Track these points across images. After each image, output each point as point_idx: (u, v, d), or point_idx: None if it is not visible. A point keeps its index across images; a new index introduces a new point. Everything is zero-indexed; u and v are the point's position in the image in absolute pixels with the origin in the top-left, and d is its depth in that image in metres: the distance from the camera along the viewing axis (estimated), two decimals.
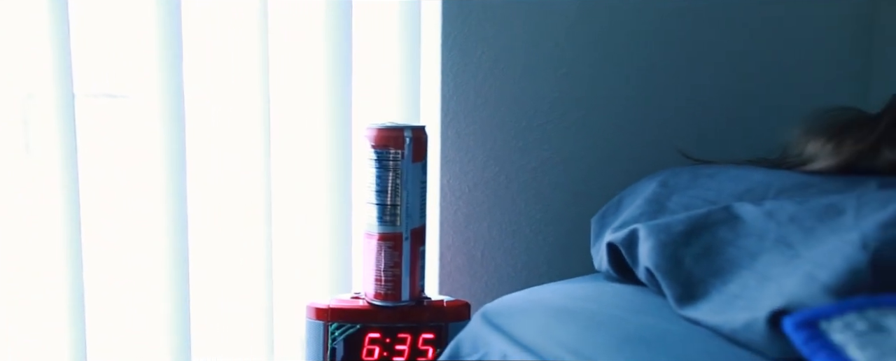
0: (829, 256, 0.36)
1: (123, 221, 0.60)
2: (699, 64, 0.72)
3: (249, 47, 0.60)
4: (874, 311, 0.30)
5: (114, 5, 0.58)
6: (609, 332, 0.42)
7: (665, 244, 0.44)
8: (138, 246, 0.60)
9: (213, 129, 0.62)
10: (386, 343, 0.56)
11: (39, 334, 0.57)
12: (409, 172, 0.54)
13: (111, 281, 0.60)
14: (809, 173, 0.47)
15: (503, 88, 0.67)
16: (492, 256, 0.70)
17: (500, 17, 0.66)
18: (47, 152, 0.56)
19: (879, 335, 0.28)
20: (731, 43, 0.73)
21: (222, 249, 0.62)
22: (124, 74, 0.59)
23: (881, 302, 0.30)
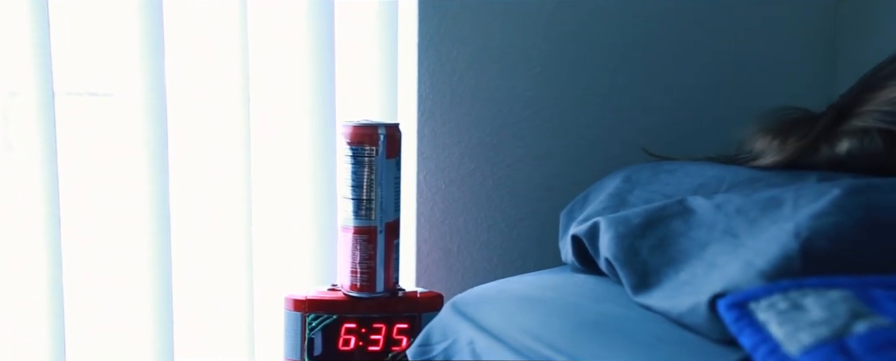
0: (766, 244, 0.39)
1: (106, 217, 0.63)
2: (666, 64, 0.75)
3: (231, 47, 0.63)
4: (796, 292, 0.33)
5: (97, 4, 0.61)
6: (568, 318, 0.45)
7: (623, 236, 0.47)
8: (123, 238, 0.62)
9: (196, 127, 0.64)
10: (361, 333, 0.58)
11: (18, 331, 0.60)
12: (383, 168, 0.56)
13: (93, 276, 0.63)
14: (758, 168, 0.50)
15: (478, 88, 0.70)
16: (467, 250, 0.72)
17: (476, 18, 0.69)
18: (29, 150, 0.58)
19: (797, 313, 0.31)
20: (698, 43, 0.76)
21: (204, 243, 0.65)
22: (107, 72, 0.62)
23: (803, 284, 0.33)
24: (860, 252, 0.37)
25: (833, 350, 0.28)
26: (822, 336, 0.29)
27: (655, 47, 0.75)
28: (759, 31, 0.79)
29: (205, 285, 0.65)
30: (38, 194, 0.58)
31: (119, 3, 0.60)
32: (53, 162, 0.59)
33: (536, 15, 0.71)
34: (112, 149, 0.62)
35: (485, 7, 0.69)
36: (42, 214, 0.59)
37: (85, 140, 0.62)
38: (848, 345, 0.28)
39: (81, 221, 0.62)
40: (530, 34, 0.71)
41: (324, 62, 0.66)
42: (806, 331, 0.30)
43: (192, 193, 0.64)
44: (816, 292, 0.32)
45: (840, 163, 0.47)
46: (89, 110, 0.63)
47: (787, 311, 0.31)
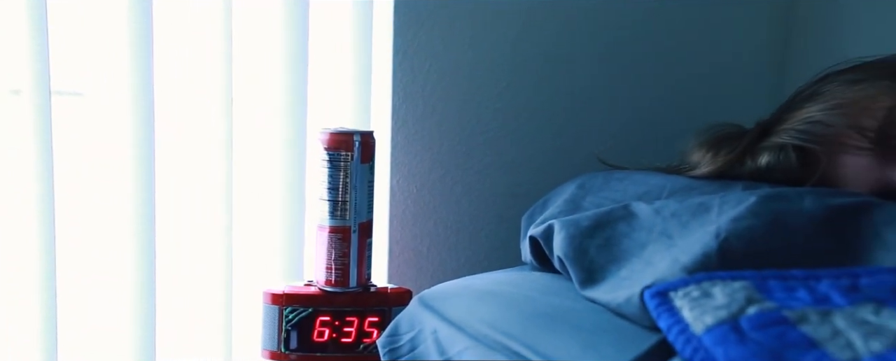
0: (692, 244, 0.46)
1: (91, 214, 0.67)
2: (623, 80, 0.82)
3: (214, 58, 0.68)
4: (708, 283, 0.39)
5: (79, 4, 0.65)
6: (522, 309, 0.50)
7: (574, 236, 0.53)
8: (108, 236, 0.67)
9: (180, 132, 0.69)
10: (335, 325, 0.64)
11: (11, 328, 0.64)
12: (357, 172, 0.62)
13: (80, 271, 0.67)
14: (694, 178, 0.57)
15: (449, 99, 0.76)
16: (437, 251, 0.78)
17: (447, 34, 0.75)
18: (24, 149, 0.62)
19: (706, 299, 0.37)
20: (653, 61, 0.84)
21: (186, 241, 0.69)
22: (84, 72, 0.66)
23: (714, 276, 0.40)
24: (767, 249, 0.44)
25: (728, 329, 0.35)
26: (721, 318, 0.35)
27: (614, 65, 0.82)
28: (710, 51, 0.87)
29: (186, 279, 0.69)
30: (33, 193, 0.63)
31: (106, 5, 0.64)
32: (49, 161, 0.63)
33: (504, 33, 0.77)
34: (95, 148, 0.66)
35: (456, 24, 0.75)
36: (36, 212, 0.63)
37: (65, 139, 0.66)
38: (740, 324, 0.35)
39: (67, 219, 0.66)
40: (498, 51, 0.77)
41: (298, 73, 0.71)
42: (710, 314, 0.36)
43: (174, 192, 0.69)
44: (723, 283, 0.39)
45: (761, 175, 0.54)
46: (68, 109, 0.67)
47: (697, 298, 0.38)
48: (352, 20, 0.74)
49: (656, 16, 0.83)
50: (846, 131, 0.51)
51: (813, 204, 0.45)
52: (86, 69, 0.67)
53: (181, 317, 0.70)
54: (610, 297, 0.47)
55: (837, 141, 0.51)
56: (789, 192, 0.47)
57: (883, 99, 0.50)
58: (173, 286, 0.70)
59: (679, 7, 0.84)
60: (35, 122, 0.62)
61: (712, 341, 0.34)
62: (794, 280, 0.38)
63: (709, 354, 0.34)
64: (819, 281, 0.38)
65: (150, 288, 0.68)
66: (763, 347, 0.33)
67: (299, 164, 0.72)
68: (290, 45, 0.71)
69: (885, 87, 0.51)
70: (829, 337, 0.32)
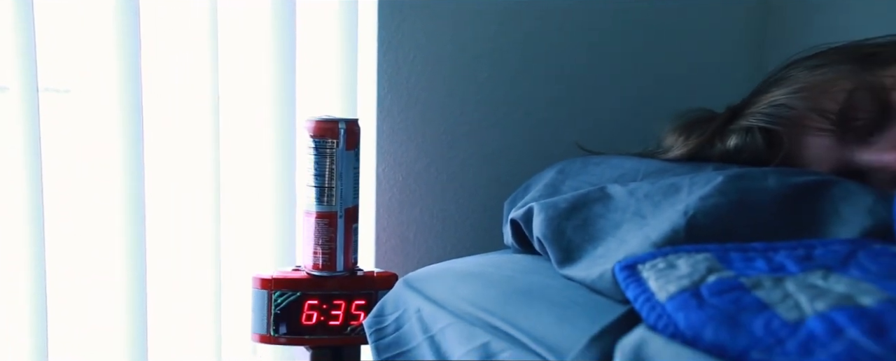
0: (662, 222, 0.48)
1: (84, 207, 0.69)
2: (603, 71, 0.85)
3: (202, 50, 0.70)
4: (673, 256, 0.42)
5: (63, 2, 0.67)
6: (501, 287, 0.53)
7: (552, 218, 0.56)
8: (100, 220, 0.69)
9: (170, 123, 0.71)
10: (323, 308, 0.66)
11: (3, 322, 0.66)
12: (343, 159, 0.64)
13: (73, 262, 0.69)
14: (668, 160, 0.59)
15: (433, 89, 0.79)
16: (423, 238, 0.81)
17: (431, 26, 0.77)
18: (12, 146, 0.64)
19: (670, 270, 0.40)
20: (633, 52, 0.86)
21: (177, 230, 0.72)
22: (71, 69, 0.68)
23: (679, 250, 0.42)
24: (732, 225, 0.46)
25: (689, 296, 0.37)
26: (683, 286, 0.38)
27: (594, 55, 0.85)
28: (688, 44, 0.90)
29: (178, 267, 0.71)
30: (22, 189, 0.65)
31: (93, 3, 0.66)
32: (37, 157, 0.65)
33: (485, 26, 0.80)
34: (85, 140, 0.68)
35: (439, 16, 0.77)
36: (25, 208, 0.65)
37: (54, 133, 0.68)
38: (700, 291, 0.37)
39: (57, 209, 0.68)
40: (480, 42, 0.80)
41: (286, 65, 0.74)
42: (673, 283, 0.39)
43: (166, 184, 0.71)
44: (688, 255, 0.41)
45: (730, 157, 0.57)
46: (49, 106, 0.68)
47: (663, 270, 0.40)
48: (338, 13, 0.76)
49: (635, 8, 0.86)
50: (808, 114, 0.53)
51: (776, 182, 0.48)
52: (73, 66, 0.68)
53: (173, 304, 0.72)
54: (585, 274, 0.50)
55: (800, 123, 0.54)
56: (754, 172, 0.50)
57: (842, 82, 0.53)
58: (165, 273, 0.72)
59: (657, 1, 0.87)
60: (23, 119, 0.64)
61: (674, 307, 0.37)
62: (753, 251, 0.41)
63: (671, 319, 0.36)
64: (777, 252, 0.41)
65: (141, 277, 0.70)
66: (720, 311, 0.35)
67: (289, 153, 0.74)
68: (278, 37, 0.73)
69: (844, 72, 0.54)
70: (780, 300, 0.35)
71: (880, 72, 0.54)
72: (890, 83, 0.52)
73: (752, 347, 0.33)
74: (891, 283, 0.34)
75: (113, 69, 0.67)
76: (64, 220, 0.69)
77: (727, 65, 0.93)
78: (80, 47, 0.68)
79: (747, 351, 0.33)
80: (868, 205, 0.45)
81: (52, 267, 0.67)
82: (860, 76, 0.53)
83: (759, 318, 0.34)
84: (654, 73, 0.88)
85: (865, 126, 0.52)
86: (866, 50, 0.56)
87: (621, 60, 0.86)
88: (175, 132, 0.71)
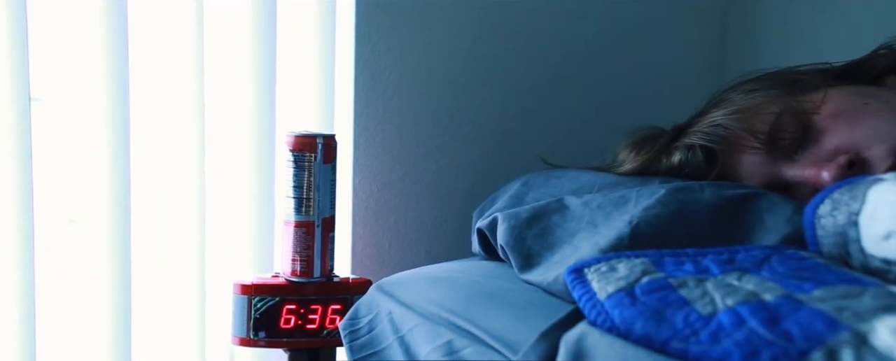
0: (610, 230, 0.55)
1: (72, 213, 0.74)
2: (569, 88, 0.92)
3: (187, 66, 0.76)
4: (615, 260, 0.48)
5: (47, 8, 0.71)
6: (466, 291, 0.59)
7: (514, 227, 0.62)
8: (86, 231, 0.73)
9: (153, 135, 0.76)
10: (300, 312, 0.71)
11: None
12: (320, 172, 0.70)
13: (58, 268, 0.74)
14: (620, 174, 0.66)
15: (408, 104, 0.85)
16: (398, 246, 0.86)
17: (406, 44, 0.84)
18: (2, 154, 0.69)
19: (611, 273, 0.46)
20: (595, 72, 0.93)
21: (162, 238, 0.77)
22: (49, 78, 0.72)
23: (621, 255, 0.49)
24: (670, 233, 0.53)
25: (624, 294, 0.43)
26: (620, 286, 0.44)
27: (560, 73, 0.91)
28: (652, 62, 0.97)
29: (162, 274, 0.76)
30: (13, 195, 0.69)
31: (80, 11, 0.71)
32: (28, 165, 0.69)
33: (458, 44, 0.86)
34: (73, 149, 0.73)
35: (414, 35, 0.84)
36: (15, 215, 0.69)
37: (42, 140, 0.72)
38: (634, 291, 0.43)
39: (44, 217, 0.73)
40: (453, 60, 0.86)
41: (267, 81, 0.79)
42: (612, 284, 0.45)
43: (150, 194, 0.76)
44: (628, 259, 0.48)
45: (674, 171, 0.63)
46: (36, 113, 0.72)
47: (605, 273, 0.47)
48: (316, 32, 0.82)
49: (598, 31, 0.93)
50: (741, 133, 0.60)
51: (711, 195, 0.55)
52: (50, 75, 0.73)
53: (157, 309, 0.77)
54: (542, 278, 0.56)
55: (735, 142, 0.61)
56: (693, 185, 0.57)
57: (772, 106, 0.60)
58: (150, 280, 0.76)
59: (622, 22, 0.94)
60: (13, 127, 0.69)
61: (611, 304, 0.43)
62: (685, 256, 0.47)
63: (608, 315, 0.42)
64: (705, 257, 0.47)
65: (125, 283, 0.74)
66: (648, 307, 0.41)
67: (269, 166, 0.80)
68: (259, 54, 0.79)
69: (773, 96, 0.61)
70: (699, 297, 0.41)
71: (803, 97, 0.61)
72: (811, 107, 0.59)
73: (673, 337, 0.39)
74: (792, 282, 0.41)
75: (101, 80, 0.72)
76: (50, 225, 0.74)
77: (688, 85, 1.00)
78: (67, 56, 0.72)
79: (669, 341, 0.39)
80: (787, 215, 0.51)
81: (40, 270, 0.71)
82: (786, 101, 0.60)
83: (680, 313, 0.40)
84: (616, 93, 0.94)
85: (790, 145, 0.59)
86: (793, 77, 0.63)
87: (585, 80, 0.93)
88: (160, 144, 0.76)
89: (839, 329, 0.34)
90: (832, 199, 0.48)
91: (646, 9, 0.95)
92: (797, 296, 0.38)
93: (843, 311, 0.36)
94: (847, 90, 0.61)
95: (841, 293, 0.37)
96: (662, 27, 0.98)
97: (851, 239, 0.44)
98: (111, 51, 0.72)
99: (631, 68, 0.96)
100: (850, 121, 0.57)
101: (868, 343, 0.33)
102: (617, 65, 0.95)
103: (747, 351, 0.36)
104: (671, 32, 0.98)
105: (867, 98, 0.59)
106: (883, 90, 0.62)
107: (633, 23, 0.95)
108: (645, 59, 0.97)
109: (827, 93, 0.60)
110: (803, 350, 0.34)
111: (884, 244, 0.41)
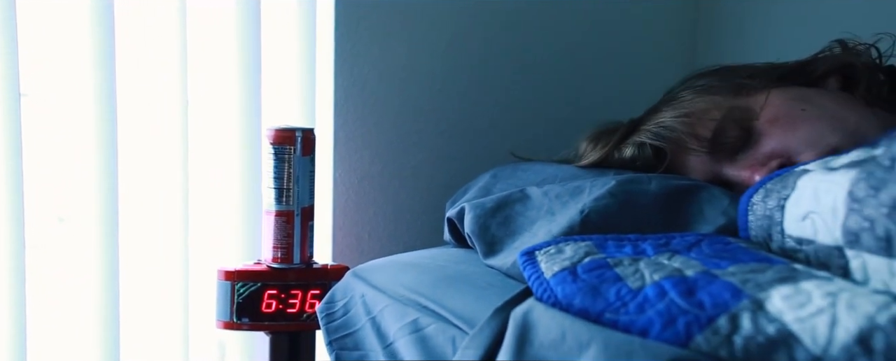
0: (564, 218, 0.60)
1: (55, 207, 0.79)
2: (541, 85, 0.98)
3: (172, 62, 0.81)
4: (563, 244, 0.53)
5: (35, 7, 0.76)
6: (434, 274, 0.64)
7: (479, 216, 0.68)
8: (78, 222, 0.79)
9: (140, 132, 0.81)
10: (281, 298, 0.77)
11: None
12: (299, 164, 0.76)
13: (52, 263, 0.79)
14: (579, 167, 0.72)
15: (387, 100, 0.90)
16: (377, 237, 0.92)
17: (385, 41, 0.89)
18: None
19: (558, 254, 0.52)
20: (565, 71, 0.99)
21: (150, 230, 0.82)
22: (32, 74, 0.77)
23: (569, 239, 0.54)
24: (618, 222, 0.58)
25: (567, 273, 0.49)
26: (564, 266, 0.50)
27: (533, 72, 0.97)
28: (620, 64, 1.02)
29: (148, 260, 0.82)
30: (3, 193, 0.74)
31: (67, 9, 0.75)
32: (18, 163, 0.75)
33: (436, 42, 0.92)
34: (63, 146, 0.78)
35: (393, 32, 0.89)
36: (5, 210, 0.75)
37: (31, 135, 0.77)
38: (576, 270, 0.49)
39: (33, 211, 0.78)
40: (431, 56, 0.92)
41: (251, 76, 0.85)
42: (557, 264, 0.50)
43: (138, 184, 0.81)
44: (575, 243, 0.53)
45: (628, 165, 0.69)
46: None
47: (553, 254, 0.52)
48: (297, 31, 0.87)
49: (572, 28, 0.99)
50: (686, 138, 0.66)
51: (657, 186, 0.60)
52: (42, 72, 0.78)
53: (145, 295, 0.82)
54: (502, 263, 0.62)
55: (680, 144, 0.67)
56: (642, 177, 0.62)
57: (715, 112, 0.66)
58: (138, 268, 0.82)
59: (594, 23, 1.00)
60: (3, 123, 0.74)
61: (555, 282, 0.48)
62: (626, 240, 0.53)
63: (552, 292, 0.48)
64: (644, 241, 0.52)
65: (114, 271, 0.80)
66: (587, 283, 0.47)
67: (255, 158, 0.85)
68: (244, 52, 0.84)
69: (717, 102, 0.67)
70: (631, 274, 0.46)
71: (748, 98, 0.67)
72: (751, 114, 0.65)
73: (606, 309, 0.45)
74: (713, 261, 0.46)
75: (88, 77, 0.77)
76: (40, 218, 0.79)
77: (659, 83, 1.06)
78: (55, 53, 0.77)
79: (603, 312, 0.45)
80: (724, 207, 0.57)
81: (30, 260, 0.77)
82: (730, 104, 0.66)
83: (613, 288, 0.46)
84: (584, 91, 1.00)
85: (731, 148, 0.65)
86: (740, 79, 0.68)
87: (556, 78, 0.99)
88: (147, 138, 0.82)
89: (742, 297, 0.40)
90: (765, 188, 0.53)
91: (619, 9, 1.01)
92: (713, 272, 0.44)
93: (747, 282, 0.41)
94: (789, 93, 0.66)
95: (750, 269, 0.43)
96: (634, 25, 1.03)
97: (775, 222, 0.49)
98: (98, 49, 0.78)
99: (598, 69, 1.01)
100: (785, 128, 0.63)
101: (764, 308, 0.39)
102: (584, 65, 1.00)
103: (666, 319, 0.41)
104: (638, 36, 1.04)
105: (805, 104, 0.65)
106: (823, 94, 0.68)
107: (606, 23, 1.01)
108: (617, 56, 1.02)
109: (769, 96, 0.65)
110: (712, 316, 0.40)
111: (801, 224, 0.47)
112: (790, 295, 0.39)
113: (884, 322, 0.35)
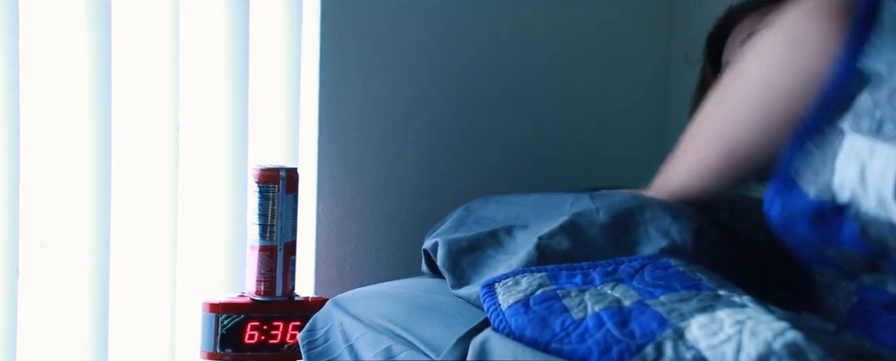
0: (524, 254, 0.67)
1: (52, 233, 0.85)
2: (518, 124, 1.06)
3: (163, 103, 0.88)
4: (520, 276, 0.60)
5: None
6: (408, 303, 0.71)
7: (453, 252, 0.74)
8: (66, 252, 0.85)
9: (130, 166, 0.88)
10: (264, 329, 0.83)
11: None
12: (283, 201, 0.82)
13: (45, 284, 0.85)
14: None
15: (369, 138, 0.97)
16: (358, 270, 0.98)
17: (367, 84, 0.97)
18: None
19: (515, 286, 0.58)
20: (541, 108, 1.07)
21: (137, 260, 0.88)
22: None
23: (526, 271, 0.61)
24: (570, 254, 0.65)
25: (521, 305, 0.55)
26: (519, 298, 0.56)
27: (509, 109, 1.05)
28: (598, 93, 1.10)
29: (136, 291, 0.88)
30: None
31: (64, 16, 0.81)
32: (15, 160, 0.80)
33: (416, 83, 0.99)
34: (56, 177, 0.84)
35: (375, 75, 0.97)
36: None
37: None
38: (529, 302, 0.56)
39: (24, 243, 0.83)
40: (413, 96, 0.99)
41: (239, 115, 0.92)
42: (513, 296, 0.57)
43: (128, 219, 0.88)
44: (531, 274, 0.60)
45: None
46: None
47: (510, 286, 0.59)
48: (283, 71, 0.95)
49: (550, 64, 1.06)
50: None
51: (603, 215, 0.67)
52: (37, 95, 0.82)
53: (132, 326, 0.88)
54: (468, 293, 0.68)
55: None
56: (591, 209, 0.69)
57: None
58: (126, 299, 0.88)
59: (571, 54, 1.08)
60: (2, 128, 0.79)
61: (510, 313, 0.55)
62: (578, 270, 0.60)
63: (507, 322, 0.55)
64: (594, 269, 0.59)
65: (104, 301, 0.86)
66: (537, 315, 0.53)
67: (241, 196, 0.92)
68: (232, 93, 0.91)
69: None
70: (576, 305, 0.53)
71: None
72: None
73: (552, 339, 0.51)
74: (648, 290, 0.53)
75: (81, 105, 0.83)
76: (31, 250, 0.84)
77: (632, 119, 1.14)
78: (47, 79, 0.82)
79: (549, 342, 0.51)
80: (665, 228, 0.64)
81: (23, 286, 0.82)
82: None
83: (559, 319, 0.52)
84: (557, 123, 1.08)
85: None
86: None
87: (534, 114, 1.06)
88: (137, 175, 0.88)
89: (666, 326, 0.47)
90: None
91: (592, 37, 1.09)
92: (647, 301, 0.50)
93: (672, 312, 0.48)
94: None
95: (678, 298, 0.50)
96: (607, 61, 1.11)
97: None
98: (91, 81, 0.84)
99: (577, 100, 1.09)
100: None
101: (683, 336, 0.45)
102: (563, 98, 1.08)
103: (602, 348, 0.48)
104: (615, 68, 1.12)
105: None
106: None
107: (580, 55, 1.09)
108: (590, 92, 1.10)
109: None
110: (641, 345, 0.46)
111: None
112: (706, 323, 0.45)
113: (778, 348, 0.41)
